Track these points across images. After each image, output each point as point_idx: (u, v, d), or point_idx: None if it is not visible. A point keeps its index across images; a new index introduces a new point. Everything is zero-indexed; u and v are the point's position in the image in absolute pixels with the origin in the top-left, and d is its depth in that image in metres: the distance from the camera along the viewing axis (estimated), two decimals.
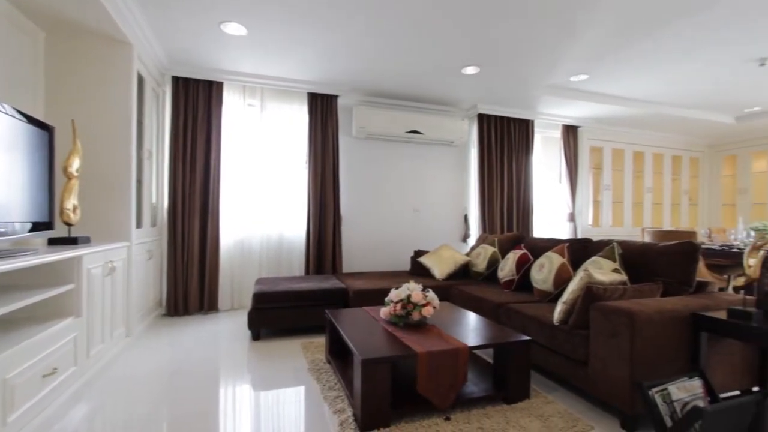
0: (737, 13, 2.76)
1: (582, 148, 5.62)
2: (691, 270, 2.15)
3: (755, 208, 6.34)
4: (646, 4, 2.63)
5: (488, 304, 2.85)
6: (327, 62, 3.62)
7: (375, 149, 4.69)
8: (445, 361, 1.90)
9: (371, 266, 4.68)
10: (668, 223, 6.51)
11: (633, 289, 2.06)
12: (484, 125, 4.86)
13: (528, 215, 5.10)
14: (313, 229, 4.17)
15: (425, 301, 2.20)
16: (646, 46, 3.29)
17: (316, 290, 3.20)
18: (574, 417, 1.93)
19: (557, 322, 2.19)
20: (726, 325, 1.73)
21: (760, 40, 3.17)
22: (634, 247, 2.45)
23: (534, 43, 3.20)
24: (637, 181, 6.22)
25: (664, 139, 6.35)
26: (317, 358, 2.67)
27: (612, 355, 1.84)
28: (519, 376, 2.07)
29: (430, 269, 3.82)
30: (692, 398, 1.58)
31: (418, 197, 4.89)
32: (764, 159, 6.31)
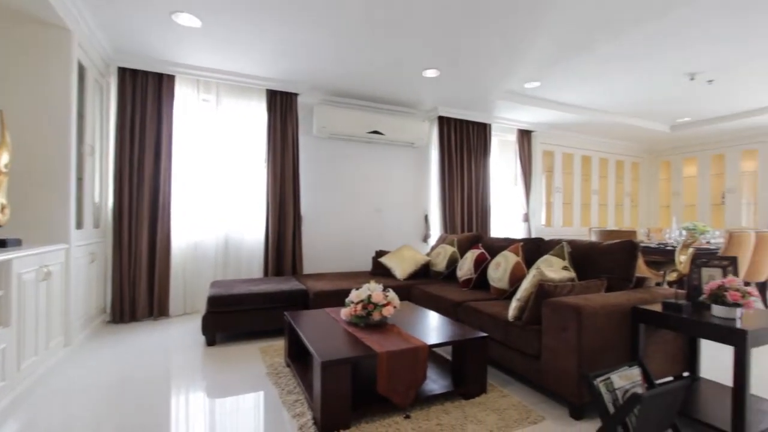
0: (670, 32, 3.01)
1: (535, 151, 5.90)
2: (631, 267, 2.32)
3: (687, 209, 6.95)
4: (590, 20, 2.80)
5: (447, 302, 2.92)
6: (286, 60, 3.54)
7: (336, 149, 4.66)
8: (405, 360, 1.91)
9: (333, 267, 4.64)
10: (612, 223, 6.97)
11: (580, 286, 2.18)
12: (444, 127, 4.97)
13: (486, 216, 5.27)
14: (273, 230, 4.07)
15: (386, 301, 2.21)
16: (591, 58, 3.50)
17: (274, 292, 3.12)
18: (528, 409, 2.02)
19: (512, 319, 2.27)
20: (661, 316, 1.88)
21: (690, 56, 3.47)
22: (581, 246, 2.60)
23: (491, 50, 3.31)
24: (585, 184, 6.61)
25: (608, 145, 6.80)
26: (276, 362, 2.60)
27: (561, 348, 1.94)
28: (476, 372, 2.13)
29: (391, 269, 3.85)
30: (632, 386, 1.70)
31: (379, 197, 4.91)
32: (694, 165, 6.92)
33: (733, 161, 6.28)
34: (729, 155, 6.33)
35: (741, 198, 6.23)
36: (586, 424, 1.89)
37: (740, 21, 2.85)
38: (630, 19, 2.84)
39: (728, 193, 6.35)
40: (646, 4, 2.63)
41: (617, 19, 2.83)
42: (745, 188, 6.25)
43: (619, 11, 2.72)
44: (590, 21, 2.85)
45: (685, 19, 2.83)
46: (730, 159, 6.32)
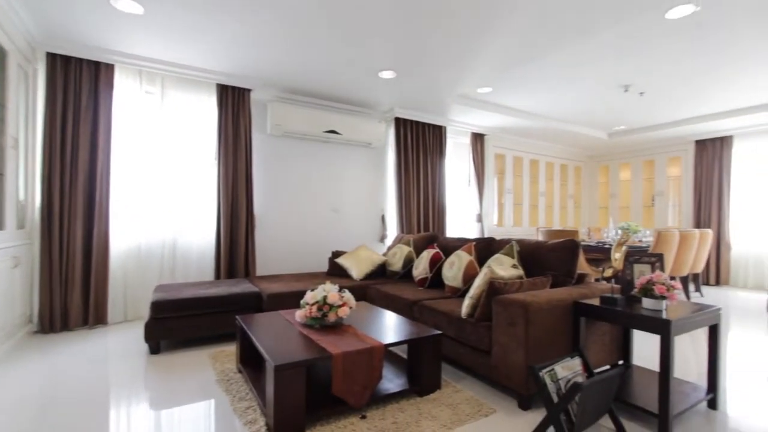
0: (607, 47, 3.25)
1: (488, 154, 6.13)
2: (573, 264, 2.47)
3: (622, 210, 7.54)
4: (536, 33, 2.96)
5: (403, 301, 2.95)
6: (238, 54, 3.41)
7: (292, 148, 4.56)
8: (361, 361, 1.91)
9: (288, 268, 4.54)
10: (558, 223, 7.41)
11: (528, 283, 2.29)
12: (401, 128, 5.02)
13: (442, 216, 5.40)
14: (224, 231, 3.90)
15: (341, 301, 2.19)
16: (537, 68, 3.70)
17: (225, 295, 2.99)
18: (480, 402, 2.09)
19: (465, 316, 2.34)
20: (599, 310, 2.03)
21: (624, 70, 3.77)
22: (529, 245, 2.74)
23: (446, 54, 3.39)
24: (533, 186, 6.97)
25: (554, 150, 7.21)
26: (227, 368, 2.50)
27: (511, 342, 2.03)
28: (431, 369, 2.17)
29: (347, 270, 3.83)
30: (573, 375, 1.81)
31: (336, 198, 4.87)
32: (628, 169, 7.52)
33: (661, 167, 6.90)
34: (658, 161, 6.95)
35: (668, 200, 6.86)
36: (533, 414, 1.99)
37: (666, 42, 3.14)
38: (571, 34, 3.03)
39: (657, 196, 6.96)
40: (585, 21, 2.82)
41: (560, 33, 3.01)
42: (671, 191, 6.89)
43: (562, 26, 2.89)
44: (536, 33, 3.01)
45: (618, 36, 3.07)
46: (658, 165, 6.94)
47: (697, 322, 1.91)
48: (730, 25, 2.91)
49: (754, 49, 3.32)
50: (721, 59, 3.53)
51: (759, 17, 2.79)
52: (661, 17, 2.80)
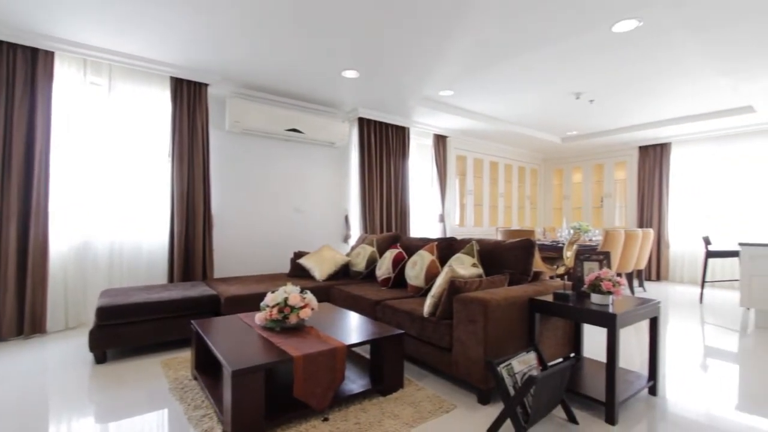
0: (560, 55, 3.42)
1: (450, 156, 6.26)
2: (529, 262, 2.58)
3: (574, 211, 7.96)
4: (494, 41, 3.06)
5: (366, 302, 2.95)
6: (194, 46, 3.27)
7: (252, 146, 4.43)
8: (323, 362, 1.89)
9: (248, 270, 4.40)
10: (516, 223, 7.70)
11: (487, 281, 2.36)
12: (365, 129, 5.02)
13: (405, 216, 5.45)
14: (179, 232, 3.72)
15: (303, 303, 2.16)
16: (495, 73, 3.83)
17: (180, 299, 2.86)
18: (441, 399, 2.13)
19: (427, 315, 2.38)
20: (552, 306, 2.12)
21: (576, 78, 3.98)
22: (488, 244, 2.82)
23: (408, 57, 3.43)
24: (493, 187, 7.20)
25: (512, 153, 7.49)
26: (181, 376, 2.38)
27: (470, 339, 2.08)
28: (393, 368, 2.19)
29: (310, 270, 3.78)
30: (529, 369, 1.89)
31: (299, 197, 4.78)
32: (580, 172, 7.96)
33: (609, 170, 7.36)
34: (606, 165, 7.40)
35: (615, 202, 7.33)
36: (492, 408, 2.05)
37: (613, 53, 3.35)
38: (527, 43, 3.17)
39: (605, 198, 7.42)
40: (540, 32, 2.95)
41: (517, 42, 3.13)
42: (618, 194, 7.37)
43: (518, 35, 3.01)
44: (495, 40, 3.11)
45: (571, 47, 3.24)
46: (607, 168, 7.39)
47: (639, 315, 2.05)
48: (669, 41, 3.15)
49: (690, 64, 3.62)
50: (661, 71, 3.81)
51: (694, 35, 3.04)
52: (609, 31, 2.98)
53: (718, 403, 2.13)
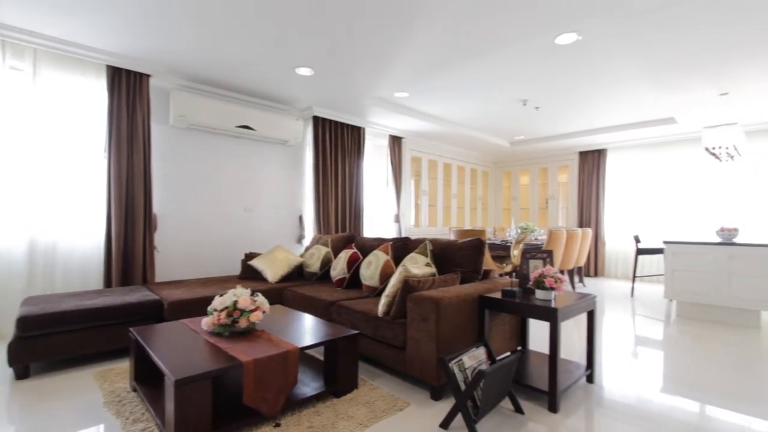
0: (508, 62, 3.57)
1: (405, 157, 6.35)
2: (479, 261, 2.67)
3: (522, 211, 8.37)
4: (446, 46, 3.14)
5: (321, 303, 2.91)
6: (132, 34, 3.05)
7: (200, 142, 4.21)
8: (274, 366, 1.84)
9: (195, 273, 4.18)
10: (468, 223, 7.96)
11: (440, 280, 2.42)
12: (319, 127, 4.95)
13: (359, 216, 5.44)
14: (117, 233, 3.46)
15: (254, 306, 2.08)
16: (448, 77, 3.93)
17: (117, 306, 2.65)
18: (395, 397, 2.15)
19: (381, 314, 2.39)
20: (500, 302, 2.22)
21: (522, 85, 4.19)
22: (441, 244, 2.89)
23: (363, 57, 3.43)
24: (446, 188, 7.39)
25: (465, 155, 7.73)
26: (119, 388, 2.22)
27: (423, 337, 2.12)
28: (348, 369, 2.17)
29: (262, 272, 3.66)
30: (479, 364, 1.95)
31: (250, 197, 4.62)
32: (527, 175, 8.38)
33: (553, 174, 7.82)
34: (550, 169, 7.86)
35: (559, 203, 7.80)
36: (444, 403, 2.10)
37: (556, 63, 3.56)
38: (477, 50, 3.28)
39: (550, 199, 7.87)
40: (489, 40, 3.07)
41: (468, 48, 3.23)
42: (561, 195, 7.85)
43: (469, 43, 3.11)
44: (447, 45, 3.19)
45: (518, 55, 3.40)
46: (551, 172, 7.85)
47: (578, 309, 2.19)
48: (604, 55, 3.40)
49: (623, 76, 3.93)
50: (598, 83, 4.11)
51: (628, 50, 3.30)
52: (552, 42, 3.17)
53: (646, 386, 2.34)
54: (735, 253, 3.78)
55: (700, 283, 3.95)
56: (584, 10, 2.68)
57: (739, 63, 3.55)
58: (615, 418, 1.96)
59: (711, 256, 3.90)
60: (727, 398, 2.19)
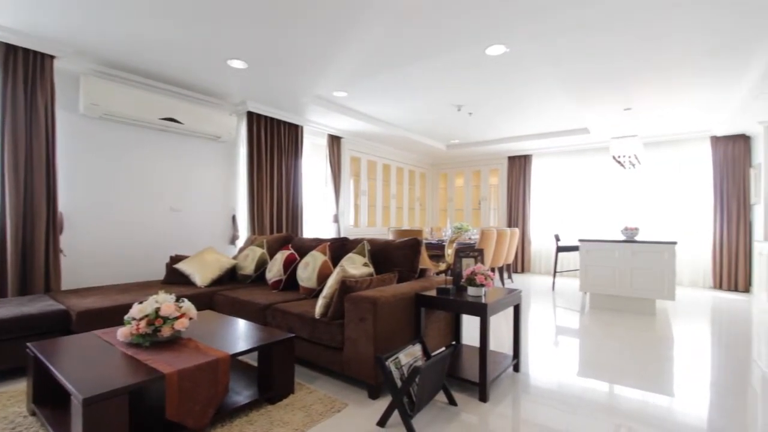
0: (443, 69, 3.71)
1: (344, 157, 6.32)
2: (416, 260, 2.74)
3: (457, 212, 8.75)
4: (382, 48, 3.19)
5: (255, 306, 2.79)
6: (27, 8, 2.68)
7: (117, 134, 3.82)
8: (202, 376, 1.72)
9: (112, 278, 3.79)
10: (407, 224, 8.13)
11: (377, 279, 2.44)
12: (254, 124, 4.75)
13: (297, 216, 5.31)
14: (13, 233, 3.02)
15: (179, 312, 1.93)
16: (386, 79, 3.98)
17: (11, 318, 2.31)
18: (333, 399, 2.12)
19: (318, 316, 2.35)
20: (435, 300, 2.29)
21: (457, 91, 4.38)
22: (378, 244, 2.92)
23: (300, 55, 3.35)
24: (385, 189, 7.49)
25: (403, 156, 7.89)
26: (13, 413, 1.93)
27: (361, 337, 2.12)
28: (283, 374, 2.11)
29: (190, 276, 3.42)
30: (414, 360, 2.00)
31: (177, 195, 4.29)
32: (462, 177, 8.77)
33: (485, 176, 8.28)
34: (483, 172, 8.31)
35: (490, 204, 8.27)
36: (382, 401, 2.12)
37: (487, 73, 3.77)
38: (412, 55, 3.37)
39: (482, 201, 8.32)
40: (423, 47, 3.16)
41: (404, 53, 3.30)
42: (492, 197, 8.33)
43: (404, 47, 3.18)
44: (380, 50, 3.24)
45: (452, 63, 3.54)
46: (483, 174, 8.30)
47: (506, 304, 2.34)
48: (530, 68, 3.67)
49: (546, 89, 4.27)
50: (524, 92, 4.42)
51: (549, 65, 3.59)
52: (483, 52, 3.35)
53: (564, 371, 2.56)
54: (636, 250, 4.28)
55: (608, 276, 4.42)
56: (509, 25, 2.87)
57: (639, 83, 4.03)
58: (538, 402, 2.12)
59: (617, 252, 4.39)
60: (630, 377, 2.48)
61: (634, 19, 2.80)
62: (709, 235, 6.02)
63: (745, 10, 2.64)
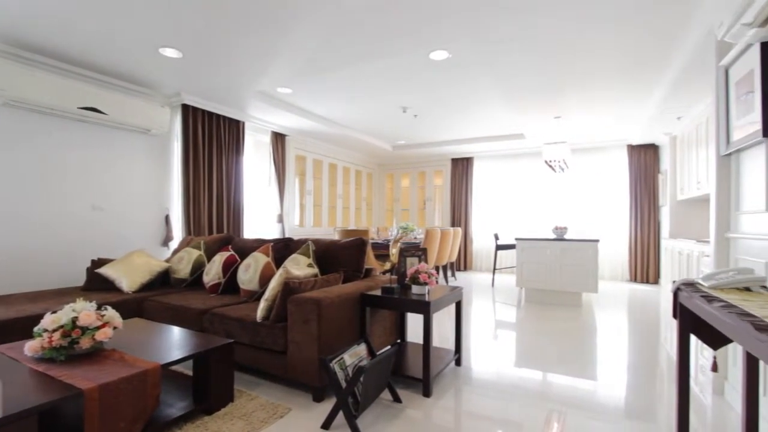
0: (389, 70, 3.75)
1: (289, 155, 6.15)
2: (361, 260, 2.74)
3: (403, 212, 8.89)
4: (330, 45, 3.15)
5: (191, 312, 2.62)
6: None
7: (27, 124, 3.39)
8: (128, 390, 1.58)
9: (21, 286, 3.35)
10: (353, 223, 8.11)
11: (322, 280, 2.40)
12: (191, 118, 4.46)
13: (239, 216, 5.08)
14: None
15: (101, 321, 1.76)
16: (333, 78, 3.94)
17: None
18: (275, 405, 2.05)
19: (260, 319, 2.26)
20: (380, 299, 2.31)
21: (402, 93, 4.45)
22: (324, 244, 2.88)
23: (242, 48, 3.20)
24: (332, 189, 7.41)
25: (350, 156, 7.87)
26: None
27: (305, 339, 2.08)
28: (221, 382, 2.00)
29: (115, 281, 3.13)
30: (359, 360, 2.00)
31: (101, 193, 3.90)
32: (408, 178, 8.93)
33: (430, 177, 8.50)
34: (428, 173, 8.53)
35: (435, 204, 8.51)
36: (327, 404, 2.09)
37: (432, 77, 3.87)
38: (357, 56, 3.37)
39: (427, 201, 8.54)
40: (369, 48, 3.17)
41: (346, 53, 3.29)
42: (437, 197, 8.57)
43: (347, 48, 3.17)
44: (325, 49, 3.20)
45: (398, 65, 3.59)
46: (428, 176, 8.52)
47: (448, 301, 2.41)
48: (471, 74, 3.82)
49: (486, 95, 4.47)
50: (465, 97, 4.60)
51: (489, 73, 3.77)
52: (427, 57, 3.43)
53: (503, 363, 2.70)
54: (565, 247, 4.64)
55: (541, 272, 4.74)
56: (451, 31, 2.96)
57: (566, 96, 4.38)
58: (479, 393, 2.22)
59: (548, 250, 4.72)
60: (561, 364, 2.67)
61: (556, 37, 3.02)
62: (626, 233, 6.69)
63: (644, 35, 2.96)
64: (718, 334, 1.43)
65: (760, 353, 0.90)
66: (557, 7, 2.62)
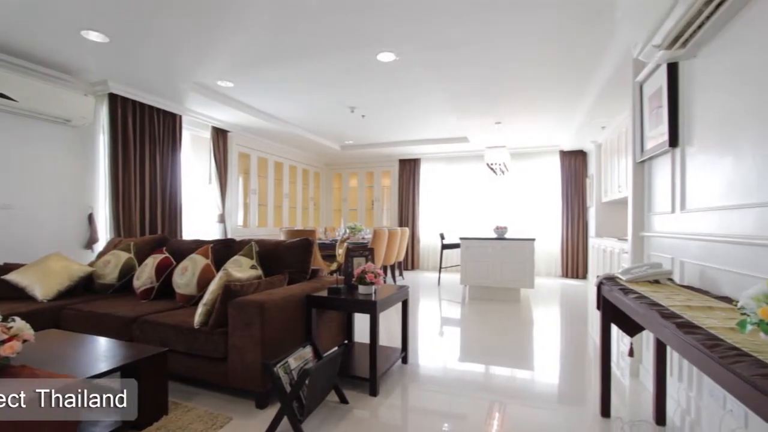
0: (336, 70, 3.71)
1: (231, 152, 5.87)
2: (307, 261, 2.68)
3: (351, 212, 8.86)
4: (265, 42, 3.05)
5: (118, 320, 2.40)
6: None
7: None
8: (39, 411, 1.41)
9: None
10: (300, 224, 7.93)
11: (266, 282, 2.32)
12: (119, 109, 4.09)
13: (176, 216, 4.75)
14: None
15: (6, 335, 1.55)
16: (278, 74, 3.83)
17: None
18: (214, 414, 1.95)
19: (198, 325, 2.13)
20: (327, 300, 2.28)
21: (350, 93, 4.43)
22: (268, 245, 2.78)
23: (178, 36, 2.99)
24: (278, 188, 7.19)
25: (297, 155, 7.69)
26: None
27: (247, 344, 1.99)
28: (153, 394, 1.86)
29: (26, 288, 2.78)
30: (305, 363, 1.95)
31: (9, 189, 3.45)
32: (356, 178, 8.92)
33: (378, 178, 8.56)
34: (376, 173, 8.58)
35: (383, 205, 8.58)
36: (271, 410, 2.01)
37: (379, 78, 3.89)
38: (303, 53, 3.30)
39: (375, 201, 8.59)
40: (313, 45, 3.12)
41: (291, 49, 3.21)
42: (384, 198, 8.65)
43: (293, 44, 3.10)
44: (269, 44, 3.09)
45: (345, 64, 3.57)
46: (376, 176, 8.57)
47: (395, 300, 2.44)
48: (418, 78, 3.90)
49: (432, 98, 4.59)
50: (412, 100, 4.69)
51: (434, 77, 3.87)
52: (375, 58, 3.44)
53: (448, 358, 2.78)
54: (505, 246, 4.89)
55: (483, 270, 4.96)
56: (396, 34, 2.99)
57: (506, 102, 4.63)
58: (425, 389, 2.27)
59: (490, 248, 4.95)
60: (502, 357, 2.81)
61: (495, 47, 3.18)
62: (559, 232, 7.22)
63: (569, 51, 3.21)
64: (633, 323, 1.58)
65: (664, 337, 1.01)
66: (500, 21, 2.76)
